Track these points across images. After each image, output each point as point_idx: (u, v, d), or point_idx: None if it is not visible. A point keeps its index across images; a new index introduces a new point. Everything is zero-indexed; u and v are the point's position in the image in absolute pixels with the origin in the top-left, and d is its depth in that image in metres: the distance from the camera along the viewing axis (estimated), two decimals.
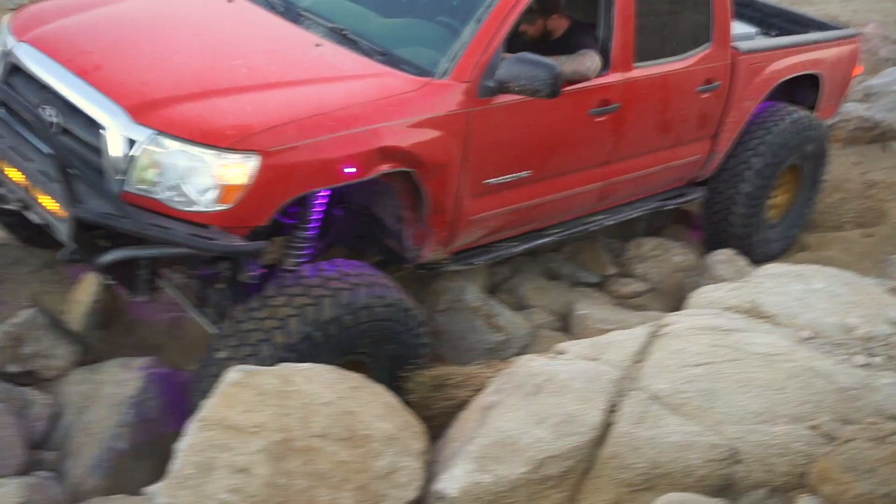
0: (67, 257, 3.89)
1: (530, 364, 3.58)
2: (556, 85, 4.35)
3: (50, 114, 4.04)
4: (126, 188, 3.80)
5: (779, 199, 6.95)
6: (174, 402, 4.39)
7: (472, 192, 4.68)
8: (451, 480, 3.31)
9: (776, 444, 3.18)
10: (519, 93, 4.42)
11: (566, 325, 5.60)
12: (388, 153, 4.13)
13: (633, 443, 3.23)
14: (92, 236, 3.87)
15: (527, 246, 5.36)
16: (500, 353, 5.17)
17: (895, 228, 7.17)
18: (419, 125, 4.28)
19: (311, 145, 3.89)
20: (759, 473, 3.17)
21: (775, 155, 6.38)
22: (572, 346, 3.75)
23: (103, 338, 5.01)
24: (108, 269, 3.96)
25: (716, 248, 6.50)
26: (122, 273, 4.03)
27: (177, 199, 3.78)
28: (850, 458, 2.97)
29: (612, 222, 5.89)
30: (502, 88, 4.46)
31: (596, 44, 5.21)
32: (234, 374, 3.43)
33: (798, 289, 3.92)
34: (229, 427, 3.25)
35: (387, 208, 4.65)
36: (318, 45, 4.55)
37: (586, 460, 3.26)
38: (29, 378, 4.56)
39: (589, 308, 5.53)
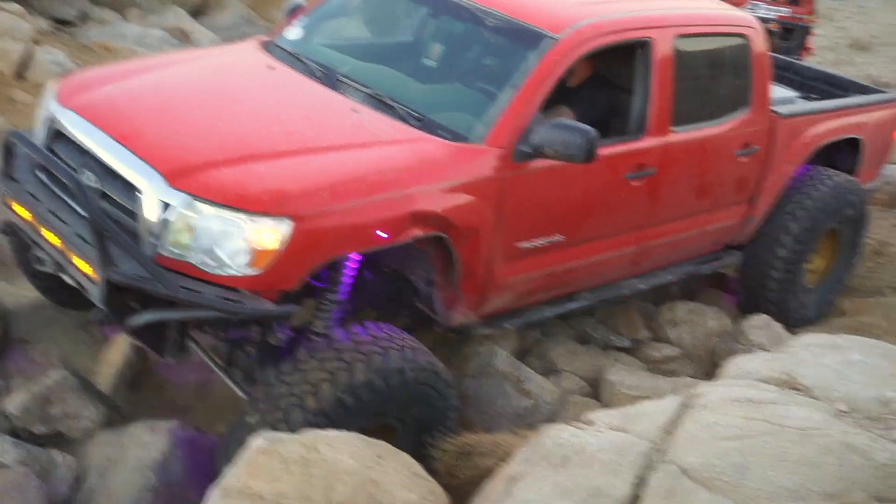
0: (99, 319, 3.96)
1: (559, 434, 3.50)
2: (592, 150, 4.37)
3: (88, 178, 4.09)
4: (159, 251, 3.87)
5: (817, 263, 6.85)
6: (199, 465, 4.36)
7: (505, 255, 4.67)
8: None
9: None
10: (554, 158, 4.45)
11: (596, 391, 5.53)
12: (420, 218, 4.17)
13: None
14: (123, 299, 3.90)
15: (558, 310, 5.33)
16: (529, 418, 5.11)
17: None
18: (452, 190, 4.33)
19: (343, 210, 3.96)
20: None
21: (814, 219, 6.31)
22: (601, 416, 3.67)
23: (132, 399, 5.03)
24: (137, 332, 3.98)
25: (751, 312, 6.41)
26: (151, 335, 4.06)
27: (209, 262, 3.85)
28: None
29: (645, 287, 5.84)
30: (537, 153, 4.49)
31: (607, 103, 5.26)
32: (259, 441, 3.39)
33: (835, 360, 3.81)
34: (252, 495, 3.20)
35: (418, 271, 4.67)
36: (354, 111, 4.59)
37: None
38: (55, 439, 4.56)
39: (619, 374, 5.47)
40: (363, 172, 4.11)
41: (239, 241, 3.80)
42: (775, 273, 6.35)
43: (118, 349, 5.05)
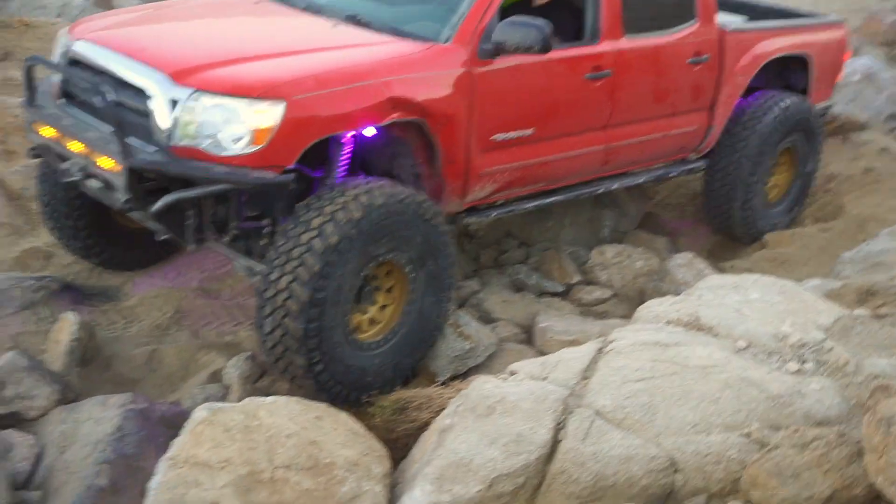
0: (123, 207, 4.52)
1: (484, 386, 3.77)
2: (547, 40, 4.94)
3: (104, 90, 4.56)
4: (171, 143, 4.39)
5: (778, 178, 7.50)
6: (152, 435, 4.56)
7: (481, 146, 5.24)
8: (412, 501, 3.51)
9: (712, 453, 3.38)
10: (514, 51, 5.02)
11: (531, 337, 5.78)
12: (397, 103, 4.73)
13: (578, 458, 3.42)
14: (143, 188, 4.49)
15: (537, 202, 5.92)
16: (468, 360, 5.31)
17: (852, 222, 7.35)
18: (426, 80, 4.90)
19: (328, 94, 4.51)
20: (696, 481, 3.37)
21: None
22: (523, 366, 3.94)
23: (83, 375, 5.18)
24: (159, 218, 4.53)
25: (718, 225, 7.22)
26: (172, 221, 4.62)
27: (215, 146, 4.36)
28: (776, 465, 3.17)
29: (619, 186, 6.48)
30: (500, 49, 5.05)
31: (571, 19, 5.80)
32: (200, 412, 3.62)
33: (735, 300, 4.12)
34: (198, 464, 3.44)
35: (405, 167, 5.21)
36: (334, 26, 5.23)
37: (536, 476, 3.45)
38: (12, 419, 4.73)
39: (550, 320, 5.70)
40: (344, 65, 4.69)
41: (239, 124, 4.33)
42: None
43: (66, 327, 5.20)
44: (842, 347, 3.80)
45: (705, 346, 3.77)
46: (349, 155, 4.90)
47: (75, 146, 4.68)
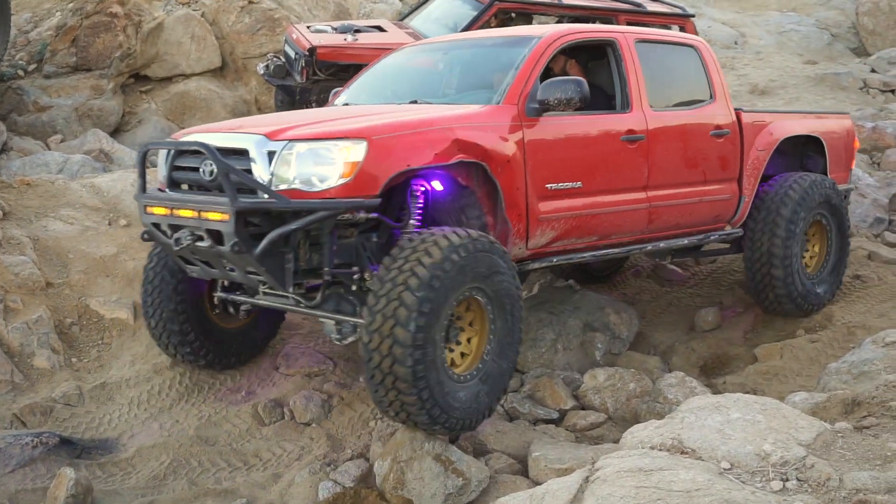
0: (231, 251, 5.11)
1: None
2: (585, 94, 5.85)
3: (209, 160, 5.25)
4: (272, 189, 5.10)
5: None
6: None
7: (538, 193, 6.01)
8: None
9: None
10: (557, 106, 5.89)
11: (526, 468, 5.78)
12: (461, 146, 5.54)
13: None
14: (249, 232, 5.12)
15: (594, 253, 6.63)
16: (462, 496, 5.30)
17: (841, 331, 7.43)
18: (484, 129, 5.74)
19: (402, 135, 5.36)
20: None
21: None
22: (509, 501, 3.97)
23: None
24: (262, 260, 5.13)
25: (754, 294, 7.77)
26: (272, 266, 5.22)
27: (309, 185, 5.09)
28: None
29: (667, 248, 7.19)
30: (545, 107, 5.94)
31: (603, 98, 6.78)
32: None
33: (717, 420, 4.17)
34: None
35: (472, 218, 5.93)
36: (400, 104, 6.35)
37: None
38: None
39: (543, 449, 5.70)
40: (413, 118, 5.62)
41: (329, 164, 5.08)
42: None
43: (62, 483, 5.24)
44: (824, 463, 3.84)
45: (688, 469, 3.80)
46: (421, 210, 5.59)
47: (185, 213, 5.36)
